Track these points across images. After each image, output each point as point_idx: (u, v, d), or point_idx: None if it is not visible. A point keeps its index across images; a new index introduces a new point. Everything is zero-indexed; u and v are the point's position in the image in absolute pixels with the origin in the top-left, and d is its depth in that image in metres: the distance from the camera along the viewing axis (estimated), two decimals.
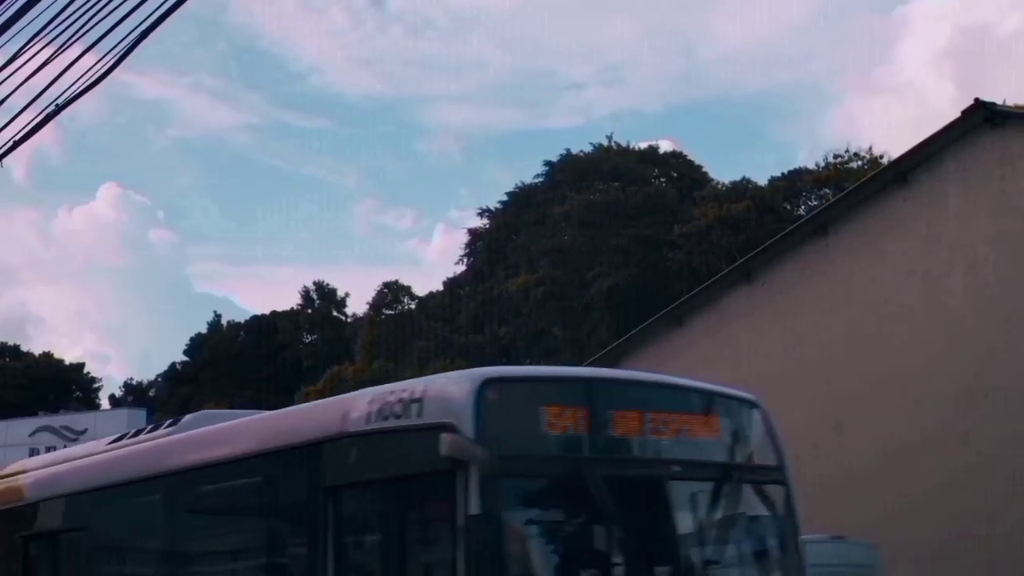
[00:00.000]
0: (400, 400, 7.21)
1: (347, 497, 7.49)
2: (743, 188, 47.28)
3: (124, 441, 10.81)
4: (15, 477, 11.88)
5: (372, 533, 7.58)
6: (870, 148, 46.03)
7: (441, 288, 58.97)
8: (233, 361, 63.60)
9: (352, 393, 8.18)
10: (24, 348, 72.78)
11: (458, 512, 6.55)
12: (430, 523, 7.17)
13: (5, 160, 11.06)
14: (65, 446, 44.34)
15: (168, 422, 10.49)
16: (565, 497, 6.99)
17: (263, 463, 8.46)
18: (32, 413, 53.10)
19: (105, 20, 8.75)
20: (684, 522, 7.38)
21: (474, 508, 6.48)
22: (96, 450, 11.14)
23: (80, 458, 11.27)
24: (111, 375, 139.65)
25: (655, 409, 7.36)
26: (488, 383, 6.91)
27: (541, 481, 6.99)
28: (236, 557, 9.21)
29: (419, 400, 7.08)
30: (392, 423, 7.18)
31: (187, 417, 10.27)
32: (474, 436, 6.62)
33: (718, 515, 7.50)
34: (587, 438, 7.03)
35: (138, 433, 10.79)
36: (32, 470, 11.83)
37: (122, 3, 8.46)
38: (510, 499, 6.71)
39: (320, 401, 9.03)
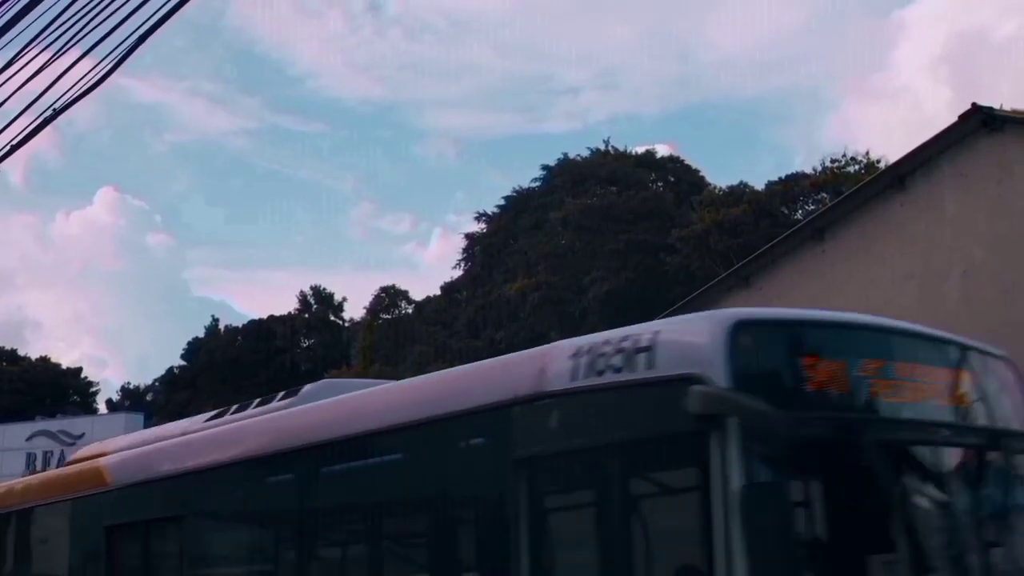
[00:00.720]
0: (620, 350, 6.03)
1: (546, 470, 6.29)
2: (740, 192, 47.29)
3: (228, 417, 9.66)
4: (94, 460, 10.73)
5: (583, 513, 6.36)
6: (867, 152, 46.15)
7: (438, 292, 59.07)
8: (231, 365, 63.54)
9: (541, 347, 6.94)
10: (21, 352, 72.74)
11: (712, 482, 5.41)
12: (668, 497, 6.06)
13: (2, 165, 11.05)
14: (62, 451, 44.46)
15: (282, 394, 9.35)
16: (834, 463, 5.76)
17: (427, 433, 7.19)
18: (29, 417, 52.93)
19: (102, 25, 8.74)
20: (958, 494, 6.26)
21: (737, 476, 5.34)
22: (192, 428, 9.96)
23: (173, 437, 10.03)
24: (108, 379, 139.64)
25: (926, 363, 6.30)
26: (741, 326, 5.76)
27: (808, 444, 5.61)
28: (393, 545, 7.96)
29: (648, 349, 5.89)
30: (611, 378, 6.02)
31: (307, 387, 9.21)
32: (730, 389, 5.49)
33: (989, 487, 6.43)
34: (854, 395, 5.90)
35: (242, 408, 9.64)
36: (113, 452, 10.64)
37: (119, 8, 8.45)
38: (780, 465, 5.51)
39: (497, 359, 7.63)
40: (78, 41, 9.10)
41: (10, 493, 12.19)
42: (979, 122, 16.34)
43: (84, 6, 8.80)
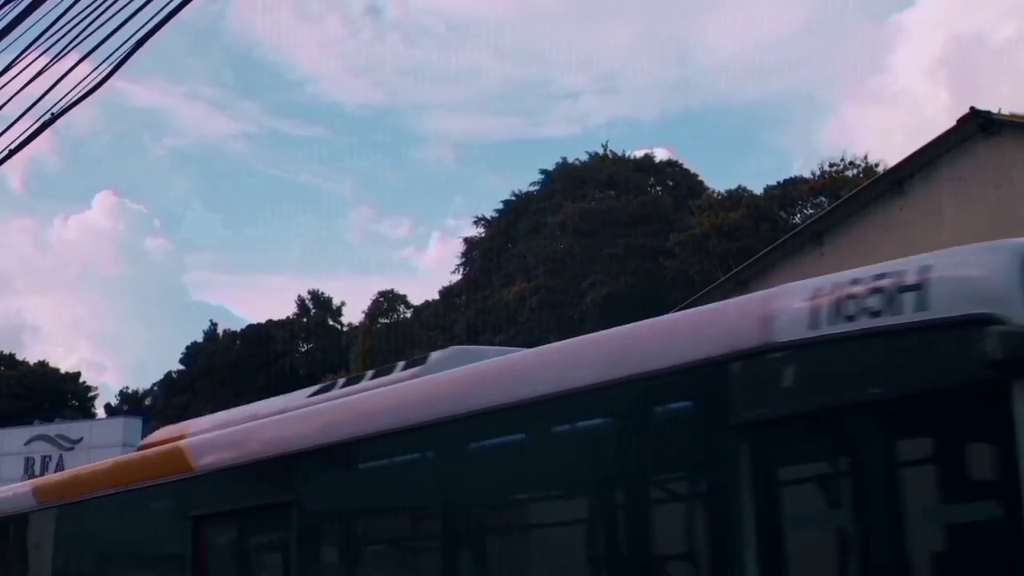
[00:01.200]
0: (875, 290, 5.10)
1: (776, 437, 5.31)
2: (739, 196, 47.36)
3: (337, 391, 8.60)
4: (175, 444, 9.63)
5: (830, 491, 5.27)
6: (866, 156, 46.32)
7: (437, 297, 59.10)
8: (229, 370, 63.53)
9: (759, 293, 6.01)
10: (19, 357, 72.67)
11: (1019, 446, 4.43)
12: (952, 467, 4.92)
13: (1, 168, 11.00)
14: (60, 455, 44.40)
15: (403, 364, 8.35)
16: None
17: (613, 397, 6.16)
18: (27, 422, 52.90)
19: (101, 28, 8.74)
20: None
21: None
22: (293, 405, 8.84)
23: (271, 415, 8.89)
24: (107, 384, 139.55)
25: None
26: None
27: None
28: (570, 534, 6.59)
29: (917, 287, 4.93)
30: (867, 323, 5.05)
31: (434, 354, 8.20)
32: None
33: None
34: None
35: (353, 382, 8.62)
36: (196, 433, 9.62)
37: (118, 12, 8.46)
38: None
39: (699, 308, 6.56)
40: (77, 44, 9.11)
41: (75, 482, 11.20)
42: (977, 126, 16.37)
43: (83, 9, 8.81)
